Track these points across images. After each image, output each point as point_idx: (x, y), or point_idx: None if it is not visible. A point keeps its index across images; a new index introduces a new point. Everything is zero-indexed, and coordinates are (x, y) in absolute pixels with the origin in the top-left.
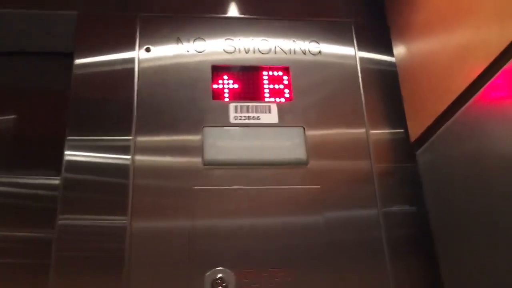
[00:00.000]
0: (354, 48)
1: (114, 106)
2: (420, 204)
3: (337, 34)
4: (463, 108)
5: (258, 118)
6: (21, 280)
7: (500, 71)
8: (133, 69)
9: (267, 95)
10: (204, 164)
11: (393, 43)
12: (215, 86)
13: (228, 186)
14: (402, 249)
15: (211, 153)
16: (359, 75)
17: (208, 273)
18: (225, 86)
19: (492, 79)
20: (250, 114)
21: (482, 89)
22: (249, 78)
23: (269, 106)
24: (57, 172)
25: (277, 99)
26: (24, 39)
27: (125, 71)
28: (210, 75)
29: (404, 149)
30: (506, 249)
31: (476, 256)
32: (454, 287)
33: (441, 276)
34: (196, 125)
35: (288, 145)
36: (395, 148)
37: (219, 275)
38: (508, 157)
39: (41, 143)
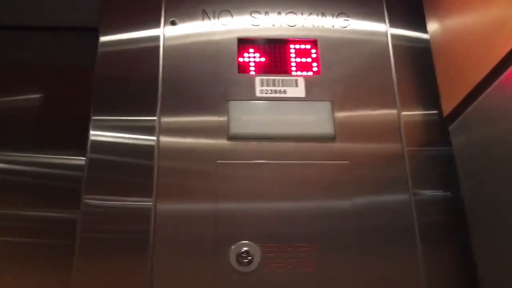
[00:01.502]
0: (386, 24)
1: (139, 85)
2: (455, 189)
3: (368, 8)
4: (498, 80)
5: (284, 92)
6: (46, 260)
7: None
8: (158, 46)
9: (294, 68)
10: (229, 138)
11: (426, 18)
12: (240, 59)
13: (253, 161)
14: (435, 236)
15: (236, 127)
16: (391, 52)
17: (233, 247)
18: (251, 59)
19: None
20: (276, 88)
21: None
22: (275, 51)
23: (296, 80)
24: (82, 152)
25: (304, 73)
26: (48, 13)
27: (150, 49)
28: (236, 48)
29: (438, 132)
30: None
31: None
32: (489, 278)
33: (476, 266)
34: (221, 100)
35: (315, 120)
36: (428, 131)
37: (244, 249)
38: None
39: (66, 122)
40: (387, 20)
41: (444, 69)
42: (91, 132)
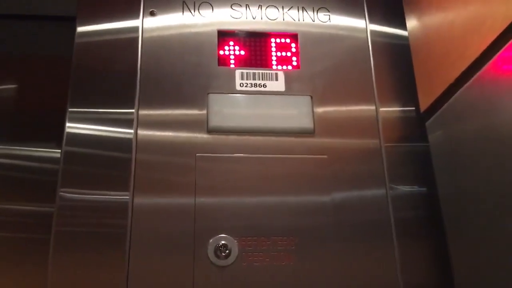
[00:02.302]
0: (365, 20)
1: (117, 77)
2: (431, 184)
3: (348, 3)
4: (475, 77)
5: (264, 85)
6: (21, 254)
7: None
8: (137, 37)
9: (274, 62)
10: (208, 131)
11: (406, 15)
12: (221, 52)
13: (232, 154)
14: (410, 230)
15: (216, 120)
16: (370, 48)
17: (211, 240)
18: (231, 52)
19: (503, 49)
20: (256, 81)
21: (495, 57)
22: (256, 45)
23: (276, 74)
24: (58, 144)
25: (285, 67)
26: (24, 1)
27: (129, 40)
28: (216, 41)
29: (415, 128)
30: None
31: (487, 238)
32: (464, 271)
33: (450, 259)
34: (201, 92)
35: (295, 114)
36: (405, 127)
37: (222, 242)
38: None
39: (43, 113)
40: (367, 16)
41: (422, 65)
42: (67, 124)
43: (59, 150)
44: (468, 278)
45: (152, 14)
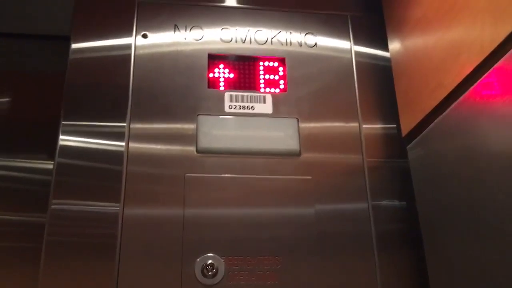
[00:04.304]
0: (350, 42)
1: (109, 92)
2: (410, 199)
3: (334, 27)
4: (455, 104)
5: (252, 108)
6: (13, 263)
7: (492, 69)
8: (129, 55)
9: (262, 85)
10: (198, 152)
11: (388, 38)
12: (211, 74)
13: (220, 174)
14: (390, 243)
15: (205, 141)
16: (354, 69)
17: (198, 259)
18: (221, 75)
19: (484, 76)
20: (245, 104)
21: (473, 86)
22: (245, 68)
23: (264, 97)
24: (50, 156)
25: (272, 90)
26: (22, 21)
27: (121, 57)
28: (206, 64)
29: (396, 145)
30: (491, 246)
31: (462, 252)
32: (439, 283)
33: (427, 272)
34: (190, 113)
35: (282, 136)
36: (387, 143)
37: (209, 261)
38: (497, 155)
39: (36, 127)
40: (351, 38)
41: (403, 90)
42: (61, 136)
43: (52, 162)
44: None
45: (144, 36)
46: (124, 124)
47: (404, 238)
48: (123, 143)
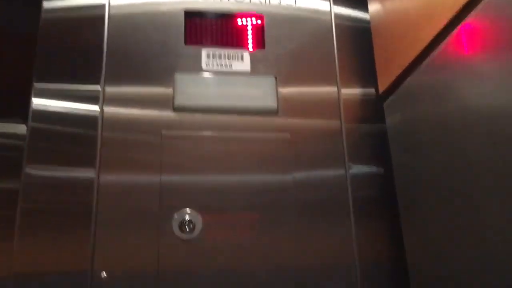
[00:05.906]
0: (330, 2)
1: (83, 53)
2: (388, 165)
3: None
4: (428, 58)
5: (230, 66)
6: None
7: (462, 23)
8: (103, 14)
9: (240, 43)
10: (174, 110)
11: None
12: (187, 31)
13: (197, 132)
14: (367, 209)
15: (182, 99)
16: (333, 31)
17: (175, 216)
18: (198, 32)
19: (454, 31)
20: (222, 62)
21: (445, 41)
22: (222, 25)
23: (242, 54)
24: (24, 120)
25: (250, 47)
26: None
27: (95, 16)
28: (183, 21)
29: (375, 110)
30: (466, 211)
31: (436, 217)
32: (414, 248)
33: (402, 237)
34: (167, 71)
35: (259, 94)
36: (365, 108)
37: (187, 217)
38: (470, 113)
39: (9, 88)
40: None
41: (381, 48)
42: (33, 99)
43: (25, 125)
44: (418, 254)
45: None
46: (99, 87)
47: (380, 203)
48: (97, 107)
